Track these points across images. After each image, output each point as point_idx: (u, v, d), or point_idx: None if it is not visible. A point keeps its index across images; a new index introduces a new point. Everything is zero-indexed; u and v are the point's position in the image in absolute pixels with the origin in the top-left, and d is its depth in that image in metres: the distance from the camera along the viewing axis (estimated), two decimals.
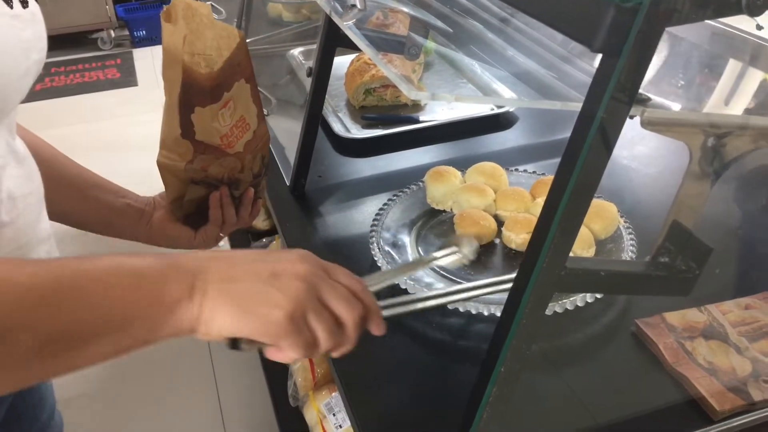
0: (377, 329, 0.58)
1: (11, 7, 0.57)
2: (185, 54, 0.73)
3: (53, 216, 0.73)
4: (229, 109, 0.80)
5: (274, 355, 0.54)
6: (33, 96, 3.36)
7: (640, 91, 0.46)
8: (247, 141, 0.85)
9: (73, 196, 0.81)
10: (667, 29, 0.43)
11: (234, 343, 0.53)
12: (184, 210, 0.86)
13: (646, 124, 0.49)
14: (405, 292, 0.83)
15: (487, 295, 0.70)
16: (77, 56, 4.08)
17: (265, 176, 0.94)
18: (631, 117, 0.48)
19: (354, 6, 0.69)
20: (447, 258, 0.73)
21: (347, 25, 0.73)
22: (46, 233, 0.67)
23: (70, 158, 0.82)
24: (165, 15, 0.74)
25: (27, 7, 0.59)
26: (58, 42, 4.04)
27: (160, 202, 0.88)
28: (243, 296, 0.50)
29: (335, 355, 0.56)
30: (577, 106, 0.48)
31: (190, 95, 0.75)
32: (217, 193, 0.85)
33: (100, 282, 0.47)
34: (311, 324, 0.52)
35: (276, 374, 1.45)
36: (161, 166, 0.81)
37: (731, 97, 0.82)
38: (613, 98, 0.44)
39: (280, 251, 0.56)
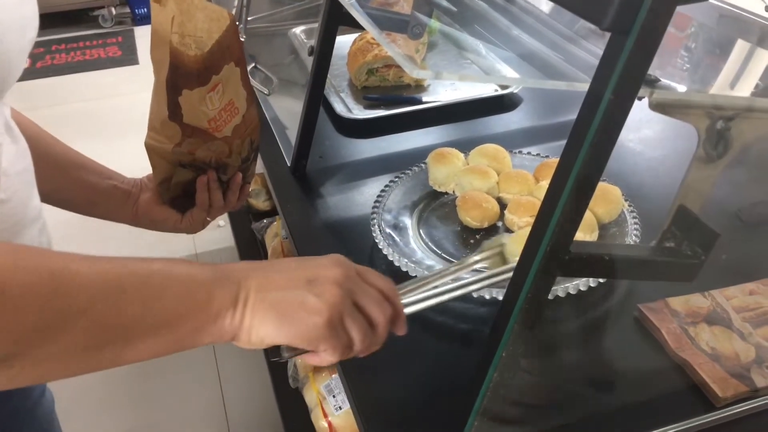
0: (401, 330, 0.60)
1: None
2: (173, 35, 0.72)
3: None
4: (217, 93, 0.78)
5: (312, 359, 0.55)
6: (33, 73, 3.35)
7: (648, 71, 0.45)
8: (236, 125, 0.84)
9: (58, 175, 0.80)
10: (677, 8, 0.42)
11: (274, 351, 0.55)
12: (171, 193, 0.86)
13: (655, 105, 0.47)
14: (407, 275, 0.82)
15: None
16: (78, 33, 4.05)
17: (254, 161, 0.93)
18: (639, 98, 0.47)
19: None
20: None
21: (350, 3, 0.72)
22: (37, 211, 0.66)
23: (55, 138, 0.82)
24: None
25: None
26: (58, 19, 4.01)
27: (147, 184, 0.87)
28: (283, 305, 0.52)
29: (363, 354, 0.57)
30: (583, 87, 0.47)
31: (178, 77, 0.74)
32: (205, 177, 0.84)
33: (156, 282, 0.48)
34: (348, 327, 0.54)
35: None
36: (149, 147, 0.80)
37: (738, 79, 0.81)
38: (621, 78, 0.43)
39: (315, 257, 0.57)
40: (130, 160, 0.89)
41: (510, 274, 0.62)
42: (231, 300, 0.51)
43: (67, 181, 0.81)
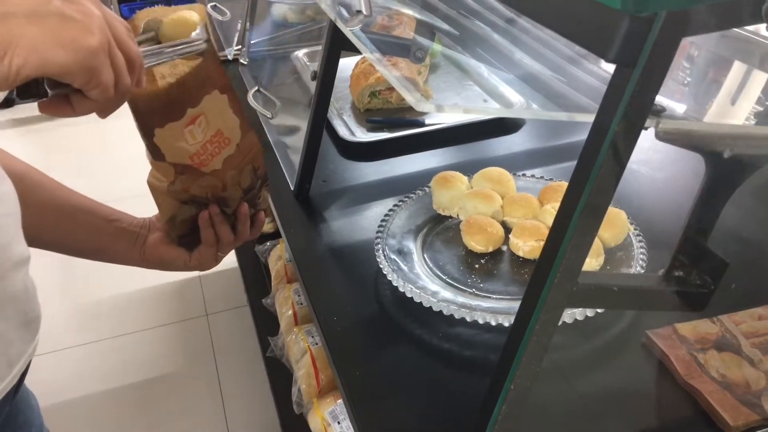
0: (137, 79, 0.54)
1: None
2: None
3: (42, 244, 0.70)
4: (199, 125, 0.74)
5: (81, 104, 0.49)
6: None
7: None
8: (228, 156, 0.79)
9: (63, 222, 0.78)
10: None
11: (28, 89, 0.47)
12: (177, 230, 0.82)
13: (662, 135, 0.47)
14: (411, 300, 0.82)
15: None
16: None
17: (264, 187, 0.88)
18: (645, 128, 0.47)
19: (360, 12, 0.67)
20: None
21: (350, 30, 0.72)
22: (21, 257, 0.62)
23: (57, 182, 0.79)
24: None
25: None
26: None
27: (155, 223, 0.84)
28: (40, 24, 0.43)
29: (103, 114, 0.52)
30: (584, 118, 0.46)
31: (144, 119, 0.70)
32: (206, 213, 0.80)
33: None
34: (113, 61, 0.48)
35: (280, 381, 1.44)
36: (151, 186, 0.77)
37: (737, 101, 0.80)
38: (627, 111, 0.42)
39: None
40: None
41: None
42: None
43: (73, 228, 0.79)
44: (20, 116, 3.25)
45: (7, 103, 3.02)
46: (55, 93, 0.48)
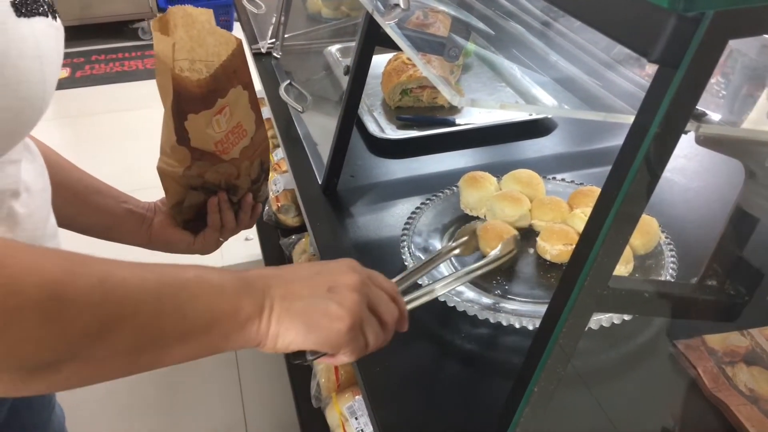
0: (405, 327, 0.64)
1: (55, 19, 0.59)
2: (177, 62, 0.73)
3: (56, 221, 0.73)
4: (224, 116, 0.79)
5: (332, 361, 0.59)
6: (74, 83, 3.41)
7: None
8: (244, 147, 0.84)
9: (75, 201, 0.82)
10: None
11: (297, 355, 0.59)
12: (183, 215, 0.87)
13: (702, 140, 0.46)
14: (435, 299, 0.81)
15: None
16: (117, 45, 4.13)
17: (265, 181, 0.94)
18: (686, 132, 0.46)
19: (397, 5, 0.67)
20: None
21: (389, 25, 0.72)
22: (53, 229, 0.68)
23: (72, 163, 0.84)
24: (158, 23, 0.76)
25: (56, 20, 0.61)
26: (99, 31, 4.10)
27: (160, 207, 0.89)
28: (308, 313, 0.55)
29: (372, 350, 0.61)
30: (619, 118, 0.46)
31: (182, 103, 0.75)
32: (215, 198, 0.86)
33: (190, 291, 0.51)
34: (365, 331, 0.58)
35: (300, 374, 1.44)
36: (161, 171, 0.82)
37: None
38: (668, 113, 0.41)
39: (330, 262, 0.60)
40: None
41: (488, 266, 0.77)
42: (257, 309, 0.53)
43: (85, 207, 0.83)
44: None
45: None
46: (315, 357, 0.60)
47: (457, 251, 0.84)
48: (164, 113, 0.78)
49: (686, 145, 0.49)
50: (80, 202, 0.83)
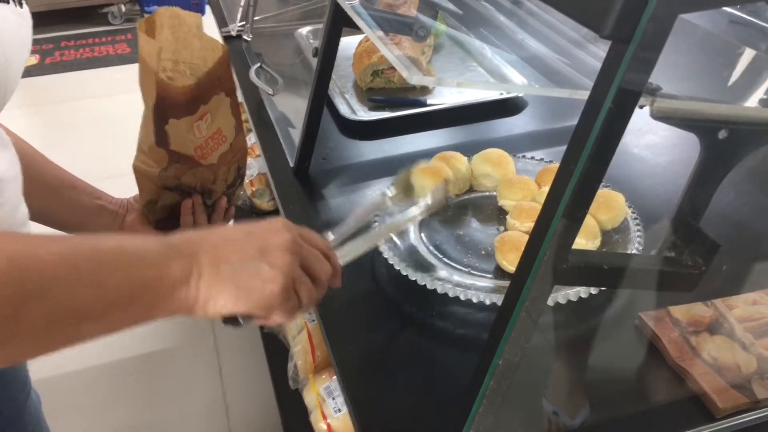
0: (338, 283, 0.65)
1: (20, 6, 0.59)
2: (162, 63, 0.73)
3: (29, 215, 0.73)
4: (205, 122, 0.80)
5: (265, 322, 0.59)
6: (42, 69, 3.34)
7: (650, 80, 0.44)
8: (223, 153, 0.85)
9: (49, 195, 0.82)
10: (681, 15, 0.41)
11: (229, 319, 0.57)
12: (156, 215, 0.87)
13: (657, 114, 0.47)
14: (407, 278, 0.82)
15: None
16: (87, 30, 4.06)
17: (241, 185, 0.95)
18: (641, 107, 0.47)
19: None
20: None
21: (351, 6, 0.72)
22: (24, 217, 0.68)
23: (46, 157, 0.83)
24: (145, 24, 0.75)
25: (22, 7, 0.60)
26: (68, 16, 4.03)
27: (133, 204, 0.89)
28: (239, 276, 0.54)
29: (306, 308, 0.61)
30: (586, 95, 0.46)
31: (165, 107, 0.75)
32: (189, 201, 0.86)
33: (109, 262, 0.49)
34: (298, 291, 0.58)
35: (277, 356, 1.45)
36: (136, 170, 0.82)
37: (745, 88, 0.80)
38: (621, 88, 0.42)
39: (261, 222, 0.59)
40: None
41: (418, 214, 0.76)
42: (184, 275, 0.52)
43: (58, 202, 0.83)
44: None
45: None
46: (247, 321, 0.58)
47: (390, 201, 0.81)
48: (144, 112, 0.77)
49: (654, 122, 0.50)
50: (54, 197, 0.82)
